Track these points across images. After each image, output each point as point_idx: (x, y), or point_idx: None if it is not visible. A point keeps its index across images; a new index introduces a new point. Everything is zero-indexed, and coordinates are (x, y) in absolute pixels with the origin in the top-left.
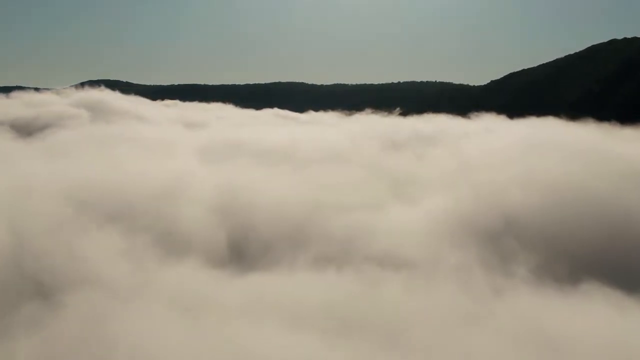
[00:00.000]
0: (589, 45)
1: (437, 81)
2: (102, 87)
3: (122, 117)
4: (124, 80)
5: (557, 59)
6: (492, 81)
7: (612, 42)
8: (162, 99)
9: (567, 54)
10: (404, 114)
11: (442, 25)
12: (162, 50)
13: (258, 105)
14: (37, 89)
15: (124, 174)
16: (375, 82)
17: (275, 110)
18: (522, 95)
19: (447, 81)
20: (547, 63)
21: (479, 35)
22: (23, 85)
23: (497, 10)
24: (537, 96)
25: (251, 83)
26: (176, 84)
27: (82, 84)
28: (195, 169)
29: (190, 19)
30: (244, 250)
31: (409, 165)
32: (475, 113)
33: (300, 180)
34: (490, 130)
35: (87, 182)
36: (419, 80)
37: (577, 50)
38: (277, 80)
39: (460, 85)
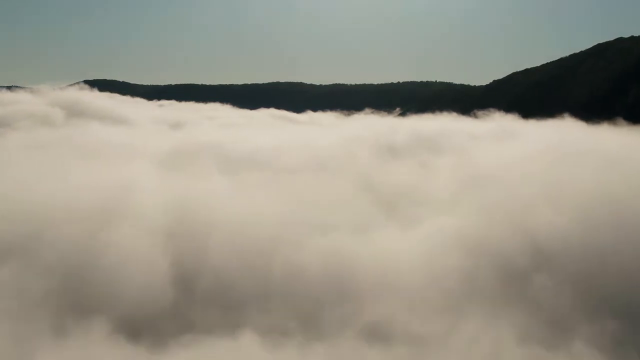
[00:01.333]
0: (594, 44)
1: (437, 81)
2: (82, 85)
3: (97, 118)
4: (121, 80)
5: (561, 58)
6: (494, 81)
7: (619, 41)
8: (159, 99)
9: (571, 53)
10: (404, 114)
11: (442, 24)
12: (162, 51)
13: (256, 106)
14: (9, 87)
15: (45, 189)
16: (375, 82)
17: (272, 110)
18: (526, 95)
19: (447, 81)
20: (552, 62)
21: (478, 34)
22: (19, 85)
23: (496, 10)
24: (543, 96)
25: (249, 83)
26: (174, 84)
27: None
28: (148, 179)
29: (188, 18)
30: (181, 301)
31: (410, 176)
32: (484, 112)
33: (274, 194)
34: (503, 132)
35: None
36: (418, 80)
37: (583, 49)
38: (275, 80)
39: (461, 85)
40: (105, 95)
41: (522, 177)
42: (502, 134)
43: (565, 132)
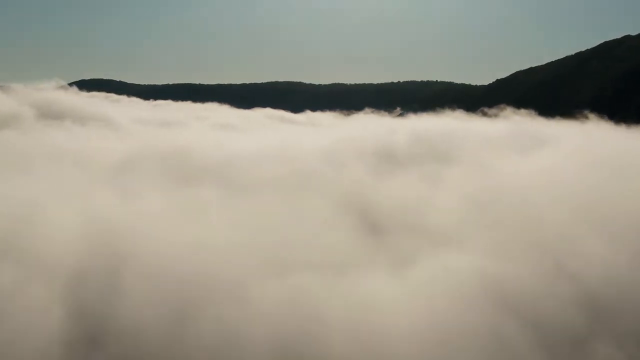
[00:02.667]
0: (597, 43)
1: (438, 80)
2: (59, 82)
3: (72, 119)
4: (118, 80)
5: (567, 57)
6: (497, 80)
7: (627, 38)
8: (156, 98)
9: (577, 51)
10: (405, 114)
11: (442, 23)
12: (162, 51)
13: (255, 105)
14: None
15: None
16: (375, 82)
17: (268, 110)
18: (531, 94)
19: (448, 80)
20: (557, 60)
21: (479, 34)
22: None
23: (496, 9)
24: (549, 96)
25: (248, 83)
26: (172, 83)
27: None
28: (66, 196)
29: (187, 17)
30: None
31: (409, 193)
32: (494, 110)
33: (230, 217)
34: (522, 134)
35: None
36: (419, 79)
37: (585, 48)
38: (274, 80)
39: (462, 84)
40: (90, 95)
41: (556, 193)
42: (521, 136)
43: (593, 134)
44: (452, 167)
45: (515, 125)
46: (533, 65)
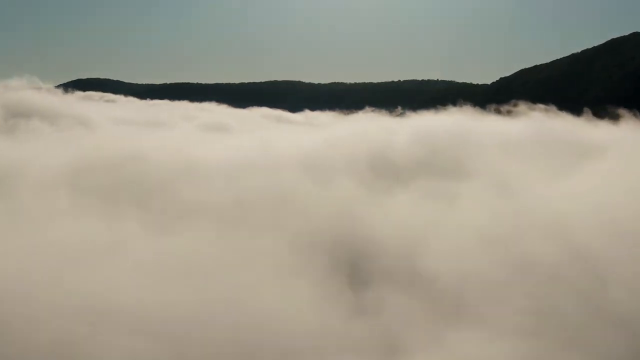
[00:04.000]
0: (600, 41)
1: (439, 79)
2: (31, 80)
3: (44, 118)
4: (115, 79)
5: (573, 54)
6: (501, 78)
7: (635, 35)
8: (152, 98)
9: (584, 49)
10: (406, 113)
11: (442, 23)
12: (162, 51)
13: (254, 105)
14: None
15: None
16: (375, 81)
17: (264, 109)
18: (537, 93)
19: (449, 79)
20: (563, 58)
21: (480, 33)
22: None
23: (497, 8)
24: (555, 94)
25: (246, 82)
26: (169, 82)
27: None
28: None
29: (185, 16)
30: None
31: (408, 223)
32: (508, 106)
33: (134, 264)
34: (553, 137)
35: None
36: (419, 79)
37: (595, 45)
38: (273, 79)
39: (464, 83)
40: (85, 95)
41: (623, 232)
42: (550, 139)
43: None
44: (465, 184)
45: (539, 124)
46: (538, 64)
